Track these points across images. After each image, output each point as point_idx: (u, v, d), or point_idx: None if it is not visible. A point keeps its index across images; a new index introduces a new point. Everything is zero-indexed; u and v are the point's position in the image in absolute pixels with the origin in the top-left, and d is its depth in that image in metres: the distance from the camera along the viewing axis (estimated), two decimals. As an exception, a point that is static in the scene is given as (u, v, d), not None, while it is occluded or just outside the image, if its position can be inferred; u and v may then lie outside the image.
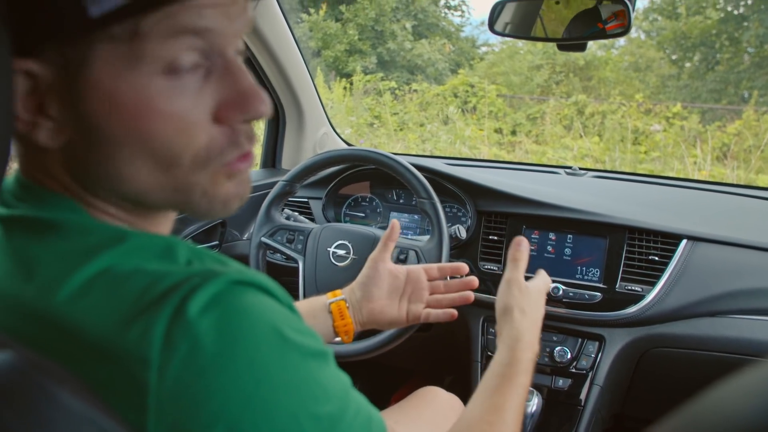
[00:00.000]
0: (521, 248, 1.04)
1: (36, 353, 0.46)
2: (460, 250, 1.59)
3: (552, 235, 1.52)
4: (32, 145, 0.52)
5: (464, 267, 1.17)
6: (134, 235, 0.52)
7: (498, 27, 1.40)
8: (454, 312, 1.15)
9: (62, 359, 0.47)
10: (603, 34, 1.28)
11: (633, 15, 1.24)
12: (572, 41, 1.34)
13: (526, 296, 1.01)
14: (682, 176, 5.49)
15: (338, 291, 1.14)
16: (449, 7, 13.82)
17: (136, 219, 0.57)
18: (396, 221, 1.16)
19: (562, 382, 1.43)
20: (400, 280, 1.14)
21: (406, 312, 1.14)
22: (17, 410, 0.42)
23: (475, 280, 1.16)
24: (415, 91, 9.64)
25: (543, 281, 1.10)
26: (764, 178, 5.92)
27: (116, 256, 0.49)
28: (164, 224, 0.61)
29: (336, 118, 8.15)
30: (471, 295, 1.15)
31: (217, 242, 1.71)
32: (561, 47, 1.41)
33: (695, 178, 5.49)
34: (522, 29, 1.42)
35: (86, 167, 0.52)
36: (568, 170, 1.93)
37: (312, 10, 11.55)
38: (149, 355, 0.44)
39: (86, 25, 0.46)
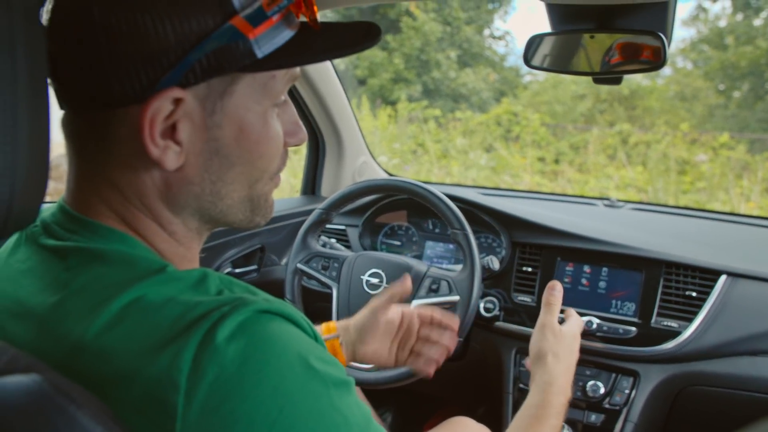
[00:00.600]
0: (555, 292, 1.06)
1: (62, 375, 0.49)
2: (493, 281, 1.59)
3: (587, 268, 1.52)
4: (143, 169, 0.57)
5: (455, 323, 1.17)
6: (171, 267, 0.56)
7: (534, 61, 1.41)
8: (429, 371, 1.14)
9: (90, 383, 0.49)
10: (638, 69, 1.29)
11: (668, 49, 1.24)
12: (607, 75, 1.35)
13: (560, 341, 1.04)
14: (728, 208, 5.36)
15: (333, 325, 1.15)
16: (494, 37, 13.88)
17: (190, 241, 0.64)
18: (408, 277, 1.17)
19: (594, 418, 1.41)
20: (394, 324, 1.15)
21: (396, 357, 1.15)
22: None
23: (451, 340, 1.15)
24: (459, 119, 9.67)
25: (577, 324, 1.13)
26: (816, 211, 5.73)
27: (150, 286, 0.52)
28: (197, 249, 0.67)
29: (380, 146, 8.23)
30: (443, 355, 1.15)
31: (255, 267, 1.75)
32: (596, 81, 1.41)
33: (741, 209, 5.36)
34: (557, 63, 1.43)
35: (189, 188, 0.59)
36: (606, 202, 1.92)
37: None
38: (178, 379, 0.46)
39: (254, 66, 0.56)
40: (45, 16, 0.55)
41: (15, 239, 0.65)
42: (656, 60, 1.27)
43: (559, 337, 1.05)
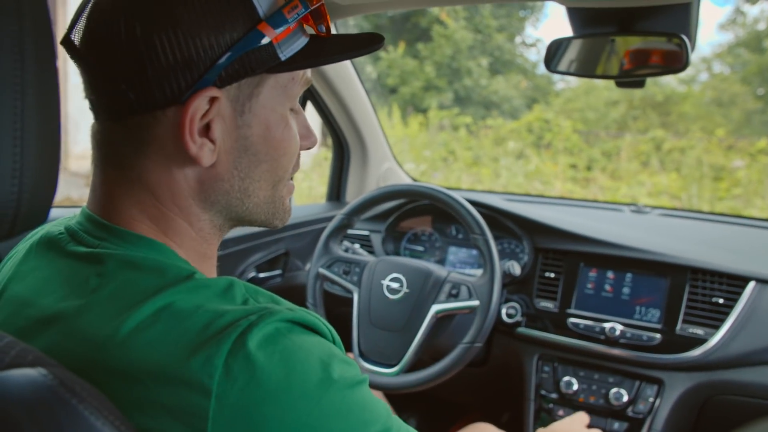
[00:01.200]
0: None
1: (85, 371, 0.51)
2: (516, 286, 1.58)
3: (610, 274, 1.50)
4: (176, 168, 0.61)
5: None
6: (198, 275, 0.59)
7: (556, 66, 1.41)
8: None
9: (116, 377, 0.52)
10: (659, 72, 1.27)
11: (691, 52, 1.22)
12: (630, 78, 1.34)
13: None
14: (765, 214, 5.23)
15: None
16: (525, 44, 13.81)
17: (212, 237, 0.68)
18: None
19: (617, 426, 1.39)
20: None
21: None
22: (40, 427, 0.44)
23: None
24: (490, 126, 9.63)
25: (579, 420, 1.27)
26: None
27: (179, 293, 0.56)
28: (217, 246, 0.71)
29: (410, 153, 8.24)
30: None
31: (280, 271, 1.77)
32: (619, 84, 1.40)
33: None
34: (579, 67, 1.42)
35: (220, 184, 0.64)
36: (632, 208, 1.89)
37: (390, 48, 11.79)
38: (210, 383, 0.50)
39: (277, 67, 0.62)
40: (77, 34, 0.60)
41: (25, 248, 0.68)
42: (677, 63, 1.25)
43: (570, 421, 1.25)
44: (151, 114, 0.59)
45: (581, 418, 1.27)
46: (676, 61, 1.23)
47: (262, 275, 1.71)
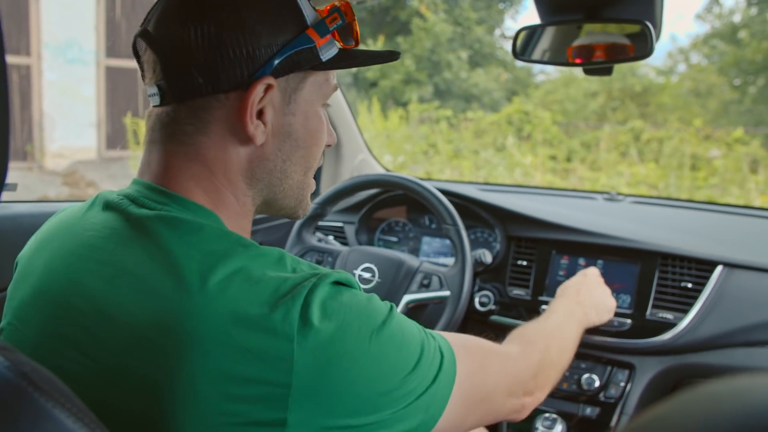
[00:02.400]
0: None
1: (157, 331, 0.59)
2: (489, 275, 1.58)
3: (582, 261, 1.51)
4: (231, 146, 0.71)
5: None
6: (254, 244, 0.68)
7: (523, 54, 1.41)
8: None
9: (203, 322, 0.59)
10: (625, 58, 1.28)
11: (656, 39, 1.23)
12: (597, 65, 1.34)
13: (584, 278, 1.28)
14: (741, 203, 5.29)
15: None
16: (505, 37, 13.83)
17: (250, 214, 0.77)
18: None
19: (590, 411, 1.40)
20: None
21: None
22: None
23: None
24: (471, 119, 9.64)
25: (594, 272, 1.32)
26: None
27: (246, 259, 0.64)
28: (251, 222, 0.81)
29: (391, 147, 8.23)
30: None
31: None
32: (587, 71, 1.40)
33: (756, 204, 5.29)
34: (546, 55, 1.43)
35: (265, 163, 0.74)
36: (605, 196, 1.90)
37: (370, 42, 11.77)
38: (291, 333, 0.59)
39: (319, 66, 0.74)
40: (152, 24, 0.71)
41: (83, 207, 0.76)
42: (643, 50, 1.26)
43: (582, 275, 1.29)
44: (215, 97, 0.69)
45: (592, 271, 1.32)
46: (642, 48, 1.23)
47: (296, 257, 1.70)
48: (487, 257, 1.53)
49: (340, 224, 1.83)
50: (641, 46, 1.24)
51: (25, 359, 0.47)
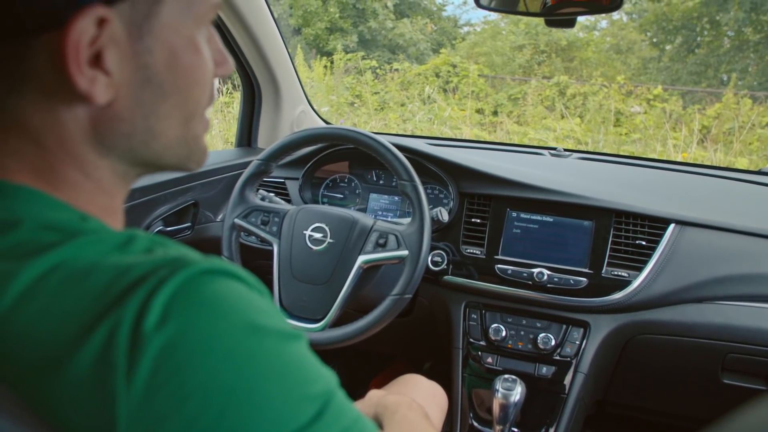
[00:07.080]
0: None
1: None
2: (442, 233, 1.53)
3: (537, 218, 1.48)
4: (64, 108, 0.50)
5: None
6: (91, 228, 0.49)
7: (484, 1, 1.34)
8: None
9: (7, 370, 0.42)
10: (594, 9, 1.23)
11: (625, -11, 1.18)
12: (560, 16, 1.29)
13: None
14: (664, 158, 5.48)
15: None
16: (431, -14, 13.67)
17: (115, 188, 0.56)
18: None
19: (545, 370, 1.39)
20: None
21: None
22: None
23: None
24: (396, 70, 9.54)
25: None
26: (743, 161, 5.94)
27: (70, 250, 0.45)
28: (122, 198, 0.59)
29: (316, 97, 8.04)
30: None
31: (189, 224, 1.64)
32: (549, 23, 1.34)
33: (677, 160, 5.50)
34: (508, 3, 1.36)
35: (119, 125, 0.52)
36: (552, 151, 1.88)
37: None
38: (115, 359, 0.40)
39: None
40: None
41: None
42: (607, 1, 1.21)
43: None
44: (24, 42, 0.47)
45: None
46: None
47: (169, 229, 1.58)
48: (444, 215, 1.48)
49: (281, 180, 1.73)
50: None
51: None
